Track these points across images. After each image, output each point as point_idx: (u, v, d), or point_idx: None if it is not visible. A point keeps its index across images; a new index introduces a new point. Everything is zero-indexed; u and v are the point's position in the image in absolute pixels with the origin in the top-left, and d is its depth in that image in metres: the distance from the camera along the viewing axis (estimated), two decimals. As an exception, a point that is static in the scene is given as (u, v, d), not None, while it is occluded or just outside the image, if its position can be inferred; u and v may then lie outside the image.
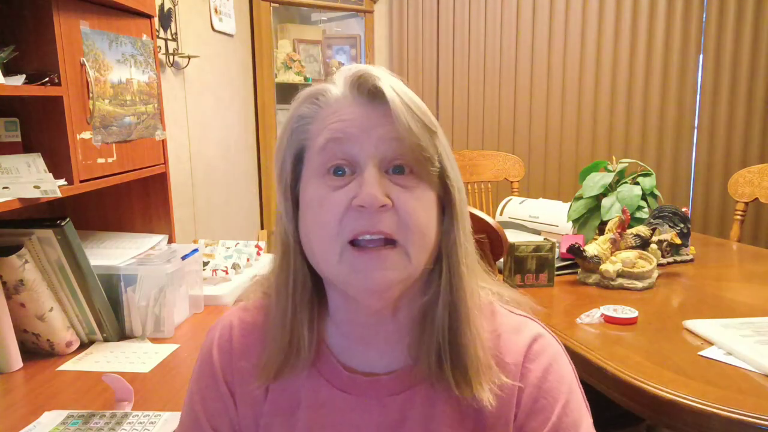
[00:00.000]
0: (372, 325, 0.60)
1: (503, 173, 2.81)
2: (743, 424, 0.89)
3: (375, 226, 0.52)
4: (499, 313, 0.63)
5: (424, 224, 0.54)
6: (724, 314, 1.29)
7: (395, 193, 0.53)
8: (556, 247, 1.58)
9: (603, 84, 3.40)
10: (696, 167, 3.52)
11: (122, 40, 1.27)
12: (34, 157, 1.05)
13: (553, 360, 0.60)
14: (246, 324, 0.65)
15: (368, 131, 0.53)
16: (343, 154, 0.54)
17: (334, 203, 0.53)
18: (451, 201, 0.57)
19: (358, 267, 0.53)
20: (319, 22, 3.35)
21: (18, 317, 1.11)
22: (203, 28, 2.29)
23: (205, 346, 0.66)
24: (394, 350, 0.60)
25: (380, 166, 0.53)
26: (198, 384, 0.65)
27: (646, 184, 1.76)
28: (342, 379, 0.61)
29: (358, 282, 0.53)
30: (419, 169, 0.54)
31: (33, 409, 0.95)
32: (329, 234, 0.53)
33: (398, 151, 0.53)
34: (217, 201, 2.41)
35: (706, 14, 3.34)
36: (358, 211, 0.52)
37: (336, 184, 0.54)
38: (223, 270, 1.61)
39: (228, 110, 2.55)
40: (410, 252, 0.53)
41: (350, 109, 0.55)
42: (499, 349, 0.60)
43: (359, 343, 0.61)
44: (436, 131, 0.55)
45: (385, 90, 0.53)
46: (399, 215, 0.53)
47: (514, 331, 0.61)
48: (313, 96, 0.57)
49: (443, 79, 3.38)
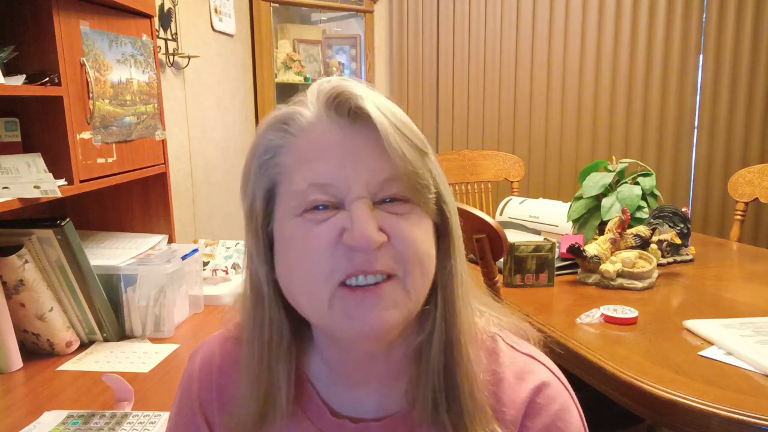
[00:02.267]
0: (364, 365, 0.54)
1: (503, 173, 2.81)
2: (743, 424, 0.89)
3: (372, 266, 0.45)
4: (503, 352, 0.56)
5: (424, 253, 0.48)
6: (724, 314, 1.29)
7: (389, 223, 0.46)
8: (556, 247, 1.58)
9: (603, 84, 3.40)
10: (696, 167, 3.52)
11: (122, 40, 1.27)
12: (34, 157, 1.05)
13: (556, 417, 0.53)
14: (227, 356, 0.59)
15: (355, 166, 0.46)
16: (328, 196, 0.47)
17: (320, 237, 0.46)
18: (448, 228, 0.51)
19: (352, 312, 0.46)
20: (319, 22, 3.35)
21: (18, 317, 1.11)
22: (203, 28, 2.29)
23: (185, 377, 0.61)
24: (388, 392, 0.54)
25: (371, 198, 0.47)
26: (177, 419, 0.60)
27: (646, 184, 1.76)
28: (328, 423, 0.54)
29: (352, 328, 0.47)
30: (413, 195, 0.47)
31: (33, 409, 0.95)
32: (317, 274, 0.46)
33: (390, 182, 0.46)
34: (217, 201, 2.41)
35: (706, 14, 3.34)
36: (350, 249, 0.45)
37: (320, 217, 0.47)
38: (223, 270, 1.61)
39: (228, 110, 2.55)
40: (409, 287, 0.47)
41: (329, 137, 0.47)
42: (498, 398, 0.53)
43: (349, 383, 0.55)
44: (428, 152, 0.49)
45: (370, 111, 0.45)
46: (396, 247, 0.46)
47: (517, 378, 0.54)
48: (281, 122, 0.50)
49: (443, 79, 3.38)
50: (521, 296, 1.49)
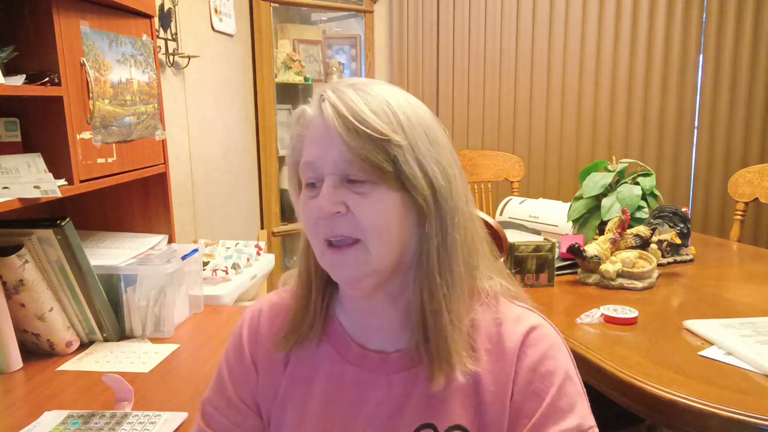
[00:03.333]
0: (371, 310, 0.67)
1: (503, 173, 2.81)
2: (743, 424, 0.89)
3: (333, 231, 0.60)
4: (503, 304, 0.68)
5: (382, 225, 0.60)
6: (724, 314, 1.29)
7: (352, 200, 0.59)
8: (556, 247, 1.58)
9: (603, 84, 3.40)
10: (696, 167, 3.51)
11: (122, 40, 1.27)
12: (34, 157, 1.05)
13: (549, 347, 0.64)
14: (274, 305, 0.74)
15: (327, 152, 0.60)
16: (313, 173, 0.62)
17: (310, 211, 0.62)
18: (414, 200, 0.61)
19: (331, 262, 0.62)
20: (319, 22, 3.35)
21: (18, 317, 1.11)
22: (203, 28, 2.29)
23: (238, 323, 0.75)
24: (397, 332, 0.66)
25: (341, 179, 0.60)
26: (227, 354, 0.73)
27: (646, 184, 1.76)
28: (354, 353, 0.68)
29: (334, 275, 0.63)
30: (371, 175, 0.59)
31: (33, 409, 0.95)
32: (311, 236, 0.63)
33: (350, 165, 0.59)
34: (217, 201, 2.41)
35: (706, 14, 3.34)
36: (322, 218, 0.60)
37: (311, 194, 0.62)
38: (223, 270, 1.61)
39: (228, 110, 2.55)
40: (371, 249, 0.60)
41: (317, 131, 0.61)
42: (500, 335, 0.65)
43: (369, 325, 0.68)
44: (387, 138, 0.59)
45: (324, 112, 0.59)
46: (356, 218, 0.59)
47: (515, 320, 0.66)
48: (298, 116, 0.65)
49: (443, 79, 3.38)
50: (521, 296, 1.48)
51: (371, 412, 0.65)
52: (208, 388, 0.74)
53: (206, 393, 0.73)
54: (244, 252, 1.77)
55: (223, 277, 1.60)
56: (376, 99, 0.60)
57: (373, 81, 0.64)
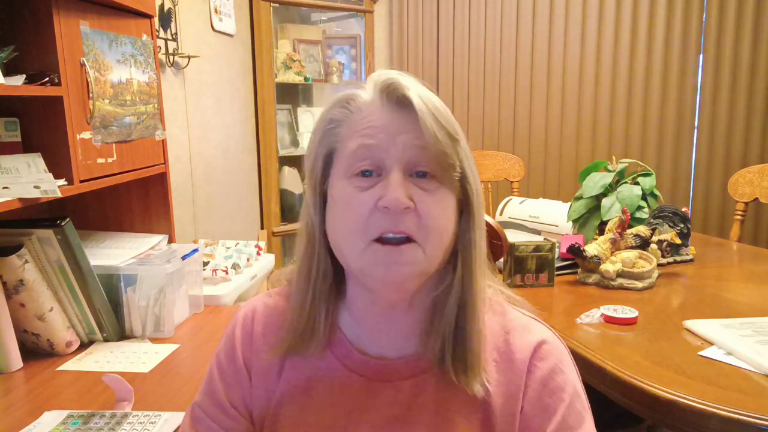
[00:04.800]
0: (388, 315, 0.64)
1: (503, 173, 2.81)
2: (743, 424, 0.89)
3: (397, 226, 0.56)
4: (510, 312, 0.67)
5: (443, 226, 0.58)
6: (724, 314, 1.29)
7: (418, 196, 0.56)
8: (556, 247, 1.58)
9: (603, 84, 3.40)
10: (696, 167, 3.51)
11: (122, 40, 1.27)
12: (34, 157, 1.05)
13: (559, 361, 0.63)
14: (268, 308, 0.70)
15: (395, 137, 0.57)
16: (372, 159, 0.57)
17: (361, 203, 0.57)
18: (470, 204, 0.61)
19: (379, 260, 0.56)
20: (319, 22, 3.35)
21: (18, 317, 1.11)
22: (203, 28, 2.29)
23: (230, 325, 0.72)
24: (405, 339, 0.64)
25: (405, 170, 0.57)
26: (219, 356, 0.70)
27: (646, 184, 1.76)
28: (355, 361, 0.65)
29: (378, 273, 0.57)
30: (441, 174, 0.57)
31: (33, 409, 0.95)
32: (356, 231, 0.57)
33: (422, 157, 0.57)
34: (217, 201, 2.41)
35: (706, 14, 3.34)
36: (383, 211, 0.56)
37: (363, 185, 0.57)
38: (223, 270, 1.61)
39: (228, 110, 2.55)
40: (427, 251, 0.57)
41: (379, 116, 0.58)
42: (508, 345, 0.63)
43: (373, 331, 0.65)
44: (459, 139, 0.58)
45: (413, 99, 0.56)
46: (420, 217, 0.56)
47: (524, 330, 0.65)
48: (344, 101, 0.61)
49: (443, 79, 3.38)
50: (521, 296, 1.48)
51: (375, 421, 0.63)
52: (199, 391, 0.71)
53: (196, 396, 0.71)
54: (244, 252, 1.77)
55: (223, 277, 1.60)
56: (435, 96, 0.59)
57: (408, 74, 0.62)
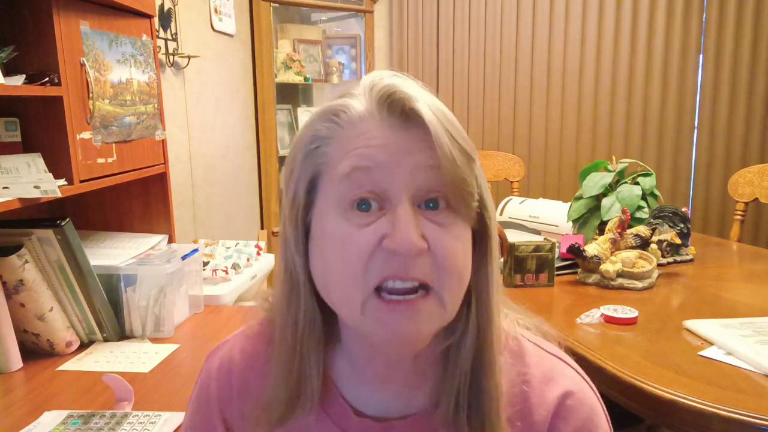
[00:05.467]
0: (391, 365, 0.53)
1: (503, 173, 2.81)
2: (743, 424, 0.89)
3: (408, 273, 0.44)
4: (528, 353, 0.56)
5: (462, 266, 0.47)
6: (724, 314, 1.29)
7: (431, 233, 0.45)
8: (556, 247, 1.58)
9: (603, 84, 3.40)
10: (696, 167, 3.51)
11: (122, 40, 1.27)
12: (34, 157, 1.05)
13: (587, 419, 0.53)
14: (247, 355, 0.59)
15: (401, 159, 0.45)
16: (372, 186, 0.45)
17: (360, 243, 0.45)
18: (487, 235, 0.50)
19: (385, 321, 0.46)
20: (319, 22, 3.35)
21: (18, 317, 1.11)
22: (203, 28, 2.29)
23: (202, 375, 0.60)
24: (412, 393, 0.54)
25: (414, 200, 0.46)
26: (193, 418, 0.60)
27: (646, 184, 1.76)
28: (351, 423, 0.54)
29: (384, 335, 0.47)
30: (457, 203, 0.46)
31: (33, 409, 0.95)
32: (352, 278, 0.46)
33: (436, 182, 0.45)
34: (217, 201, 2.41)
35: (706, 14, 3.34)
36: (388, 253, 0.45)
37: (362, 221, 0.46)
38: (223, 270, 1.61)
39: (228, 110, 2.55)
40: (445, 299, 0.46)
41: (379, 132, 0.46)
42: (526, 398, 0.53)
43: (373, 383, 0.55)
44: (474, 158, 0.48)
45: (423, 113, 0.45)
46: (435, 258, 0.45)
47: (546, 380, 0.54)
48: (332, 113, 0.49)
49: (443, 79, 3.38)
50: (521, 296, 1.48)
51: None
52: None
53: None
54: (244, 252, 1.77)
55: (223, 277, 1.60)
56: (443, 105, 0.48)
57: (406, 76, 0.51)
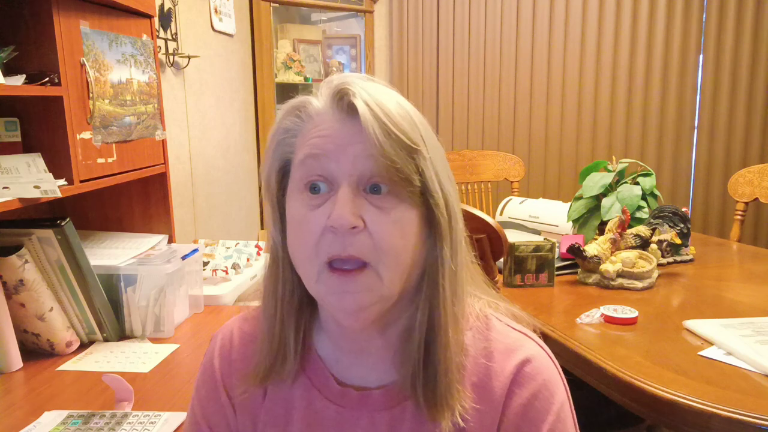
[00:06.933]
0: (362, 339, 0.59)
1: (503, 173, 2.81)
2: (743, 424, 0.89)
3: (346, 250, 0.51)
4: (495, 329, 0.60)
5: (399, 247, 0.52)
6: (724, 314, 1.29)
7: (370, 215, 0.51)
8: (556, 247, 1.58)
9: (603, 84, 3.40)
10: (696, 167, 3.52)
11: (122, 40, 1.27)
12: (34, 157, 1.05)
13: (542, 386, 0.57)
14: (245, 334, 0.66)
15: (345, 148, 0.52)
16: (321, 170, 0.52)
17: (311, 223, 0.52)
18: (435, 220, 0.54)
19: (332, 289, 0.52)
20: (319, 22, 3.35)
21: (18, 317, 1.11)
22: (203, 28, 2.29)
23: (207, 353, 0.68)
24: (385, 365, 0.60)
25: (357, 185, 0.52)
26: (199, 391, 0.66)
27: (646, 184, 1.76)
28: (333, 391, 0.61)
29: (333, 303, 0.54)
30: (397, 188, 0.52)
31: (33, 409, 0.95)
32: (307, 254, 0.53)
33: (375, 169, 0.51)
34: (217, 201, 2.41)
35: (706, 14, 3.34)
36: (332, 232, 0.51)
37: (314, 203, 0.53)
38: (223, 270, 1.61)
39: (228, 110, 2.55)
40: (383, 274, 0.52)
41: (329, 125, 0.53)
42: (487, 371, 0.58)
43: (350, 355, 0.61)
44: (418, 148, 0.52)
45: (358, 107, 0.51)
46: (373, 238, 0.51)
47: (506, 351, 0.59)
48: (296, 108, 0.57)
49: (443, 79, 3.38)
50: (521, 296, 1.49)
51: None
52: (183, 427, 0.67)
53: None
54: (244, 252, 1.77)
55: (223, 277, 1.60)
56: (395, 101, 0.53)
57: (372, 78, 0.56)
